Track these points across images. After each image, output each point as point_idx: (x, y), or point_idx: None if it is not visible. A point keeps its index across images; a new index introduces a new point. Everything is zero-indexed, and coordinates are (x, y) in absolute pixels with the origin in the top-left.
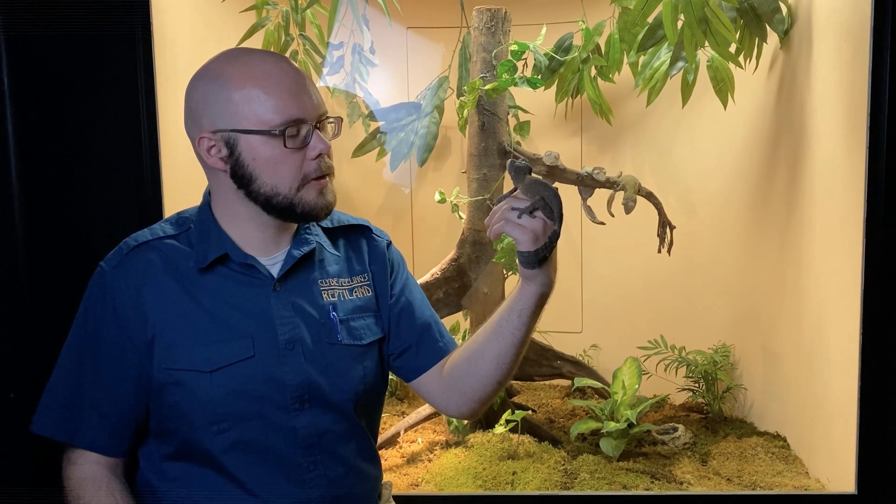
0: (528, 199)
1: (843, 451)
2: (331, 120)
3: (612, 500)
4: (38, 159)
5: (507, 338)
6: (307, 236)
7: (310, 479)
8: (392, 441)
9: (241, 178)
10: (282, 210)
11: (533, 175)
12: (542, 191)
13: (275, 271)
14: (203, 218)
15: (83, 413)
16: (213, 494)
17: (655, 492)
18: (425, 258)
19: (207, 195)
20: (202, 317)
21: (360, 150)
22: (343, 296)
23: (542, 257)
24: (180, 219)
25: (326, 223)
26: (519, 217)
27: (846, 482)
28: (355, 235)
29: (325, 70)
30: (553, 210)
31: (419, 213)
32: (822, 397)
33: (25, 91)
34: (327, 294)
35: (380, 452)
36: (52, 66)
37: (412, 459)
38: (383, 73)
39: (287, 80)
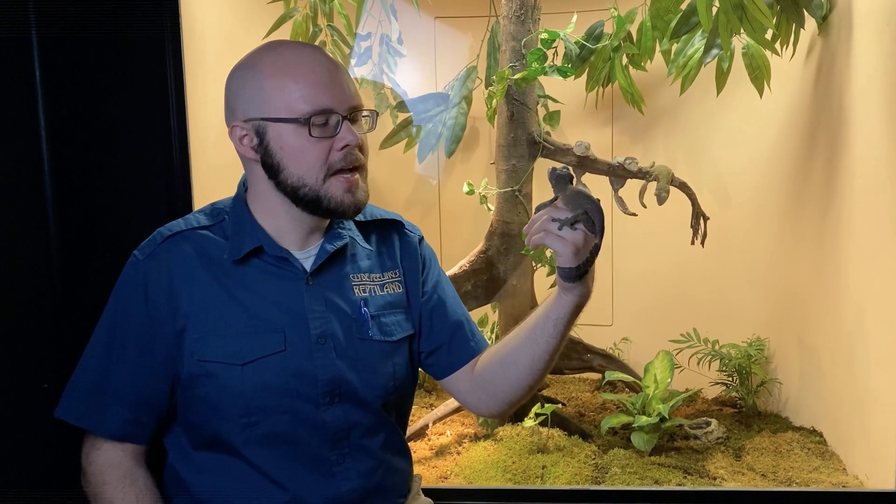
0: (568, 210)
1: (883, 447)
2: (365, 113)
3: (644, 494)
4: (69, 153)
5: (542, 345)
6: (340, 230)
7: (339, 472)
8: (420, 433)
9: (271, 168)
10: (308, 202)
11: (575, 185)
12: (584, 203)
13: (308, 265)
14: (237, 210)
15: (108, 401)
16: (242, 485)
17: (688, 487)
18: (453, 250)
19: (242, 186)
20: (235, 309)
21: (388, 141)
22: (374, 291)
23: (582, 272)
24: (214, 210)
25: (359, 217)
26: (560, 229)
27: (886, 479)
28: (387, 230)
29: (353, 61)
30: (595, 223)
31: (447, 204)
32: (861, 391)
33: (55, 85)
34: (359, 289)
35: (408, 445)
36: (81, 59)
37: (441, 452)
38: (411, 64)
39: (319, 70)
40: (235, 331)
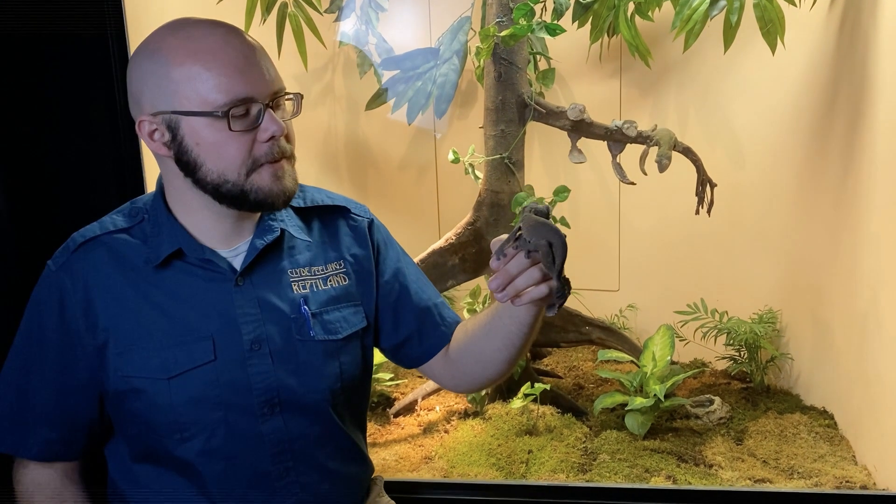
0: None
1: (894, 438)
2: (289, 97)
3: (625, 493)
4: (16, 154)
5: (516, 343)
6: (272, 223)
7: (280, 488)
8: (410, 408)
9: (187, 165)
10: (233, 199)
11: (534, 215)
12: (548, 235)
13: (237, 264)
14: (156, 208)
15: (30, 423)
16: (179, 502)
17: (665, 485)
18: (451, 214)
19: (161, 182)
20: (158, 318)
21: (374, 102)
22: (316, 286)
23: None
24: (133, 209)
25: (298, 202)
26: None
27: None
28: (332, 217)
29: (336, 16)
30: (555, 260)
31: (445, 164)
32: (875, 372)
33: None
34: (297, 286)
35: (397, 420)
36: (23, 56)
37: (429, 429)
38: (403, 16)
39: (233, 53)
40: (159, 342)
